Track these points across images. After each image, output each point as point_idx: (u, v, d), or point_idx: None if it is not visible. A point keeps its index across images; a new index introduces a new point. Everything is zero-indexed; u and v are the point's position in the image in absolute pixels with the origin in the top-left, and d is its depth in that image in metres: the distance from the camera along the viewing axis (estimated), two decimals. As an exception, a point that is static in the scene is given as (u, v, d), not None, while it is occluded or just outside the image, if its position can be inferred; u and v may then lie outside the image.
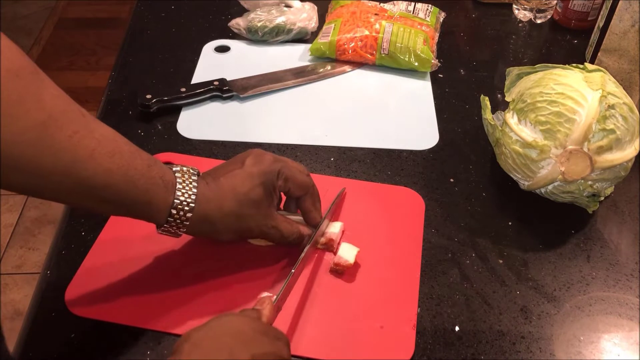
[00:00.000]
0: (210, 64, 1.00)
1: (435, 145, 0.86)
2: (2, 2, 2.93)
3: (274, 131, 0.87)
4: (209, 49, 1.04)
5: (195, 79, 0.96)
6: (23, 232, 1.97)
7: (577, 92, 0.69)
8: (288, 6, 1.06)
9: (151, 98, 0.87)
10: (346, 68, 1.00)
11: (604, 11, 0.90)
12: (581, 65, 0.75)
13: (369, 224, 0.73)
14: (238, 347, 0.48)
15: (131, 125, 0.87)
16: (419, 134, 0.88)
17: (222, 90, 0.92)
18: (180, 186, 0.58)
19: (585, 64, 0.75)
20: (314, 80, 0.97)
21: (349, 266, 0.66)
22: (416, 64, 0.97)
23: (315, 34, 1.05)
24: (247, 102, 0.92)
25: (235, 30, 1.04)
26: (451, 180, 0.80)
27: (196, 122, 0.88)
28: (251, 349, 0.49)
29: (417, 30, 0.99)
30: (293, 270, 0.61)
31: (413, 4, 1.07)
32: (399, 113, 0.92)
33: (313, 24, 1.05)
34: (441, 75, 0.99)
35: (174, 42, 1.05)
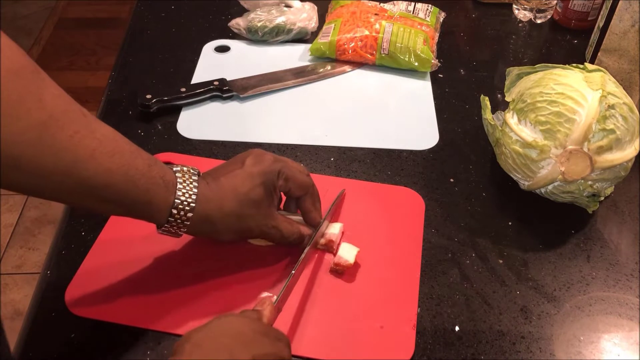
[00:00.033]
0: (210, 64, 1.00)
1: (435, 145, 0.86)
2: (2, 2, 2.93)
3: (274, 131, 0.87)
4: (209, 49, 1.04)
5: (195, 79, 0.96)
6: (23, 232, 1.97)
7: (577, 92, 0.69)
8: (288, 6, 1.06)
9: (151, 98, 0.87)
10: (346, 68, 1.00)
11: (604, 11, 0.90)
12: (581, 65, 0.75)
13: (369, 224, 0.73)
14: (239, 348, 0.48)
15: (131, 125, 0.87)
16: (419, 134, 0.88)
17: (222, 90, 0.92)
18: (180, 186, 0.58)
19: (585, 64, 0.75)
20: (314, 80, 0.97)
21: (349, 266, 0.66)
22: (416, 64, 0.97)
23: (315, 34, 1.05)
24: (247, 102, 0.92)
25: (235, 30, 1.04)
26: (451, 180, 0.80)
27: (196, 122, 0.88)
28: (252, 350, 0.49)
29: (417, 30, 0.99)
30: (293, 271, 0.61)
31: (413, 4, 1.07)
32: (399, 113, 0.92)
33: (313, 24, 1.05)
34: (441, 75, 0.99)
35: (174, 42, 1.05)
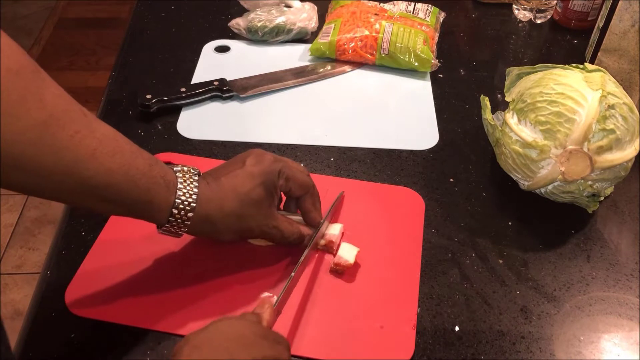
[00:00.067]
0: (210, 64, 1.00)
1: (435, 145, 0.86)
2: (2, 2, 2.93)
3: (274, 131, 0.87)
4: (209, 49, 1.04)
5: (195, 79, 0.96)
6: (23, 232, 1.97)
7: (577, 92, 0.69)
8: (288, 6, 1.06)
9: (151, 98, 0.87)
10: (346, 68, 1.00)
11: (604, 11, 0.90)
12: (581, 65, 0.75)
13: (369, 224, 0.73)
14: (238, 351, 0.48)
15: (131, 125, 0.87)
16: (419, 134, 0.88)
17: (222, 90, 0.92)
18: (181, 186, 0.58)
19: (585, 64, 0.75)
20: (314, 80, 0.97)
21: (349, 266, 0.66)
22: (416, 64, 0.97)
23: (315, 34, 1.05)
24: (247, 102, 0.92)
25: (235, 30, 1.04)
26: (451, 180, 0.80)
27: (196, 122, 0.88)
28: (251, 353, 0.49)
29: (417, 30, 0.99)
30: (293, 273, 0.60)
31: (413, 4, 1.07)
32: (399, 113, 0.92)
33: (313, 24, 1.05)
34: (441, 75, 0.99)
35: (174, 42, 1.05)
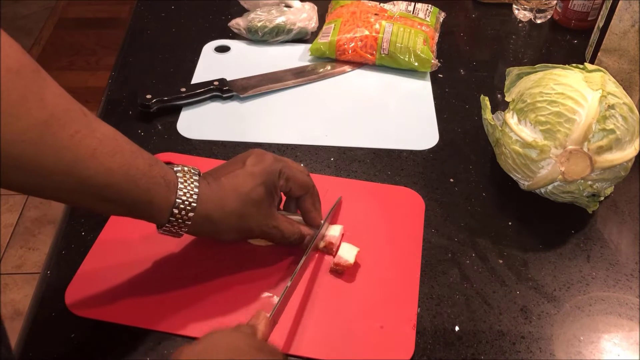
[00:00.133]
0: (210, 64, 1.00)
1: (435, 145, 0.86)
2: (2, 2, 2.93)
3: (274, 131, 0.87)
4: (209, 49, 1.04)
5: (195, 79, 0.96)
6: (23, 232, 1.97)
7: (577, 92, 0.69)
8: (288, 6, 1.06)
9: (151, 98, 0.87)
10: (346, 68, 1.00)
11: (604, 11, 0.90)
12: (581, 65, 0.75)
13: (369, 224, 0.73)
14: None
15: (131, 125, 0.87)
16: (419, 134, 0.88)
17: (222, 90, 0.92)
18: (181, 185, 0.58)
19: (585, 64, 0.75)
20: (314, 80, 0.97)
21: (349, 266, 0.66)
22: (416, 64, 0.97)
23: (315, 34, 1.05)
24: (247, 102, 0.92)
25: (235, 30, 1.04)
26: (451, 180, 0.80)
27: (196, 122, 0.88)
28: None
29: (417, 30, 0.99)
30: (289, 282, 0.60)
31: (413, 4, 1.07)
32: (399, 113, 0.92)
33: (313, 24, 1.05)
34: (441, 75, 0.99)
35: (174, 42, 1.05)
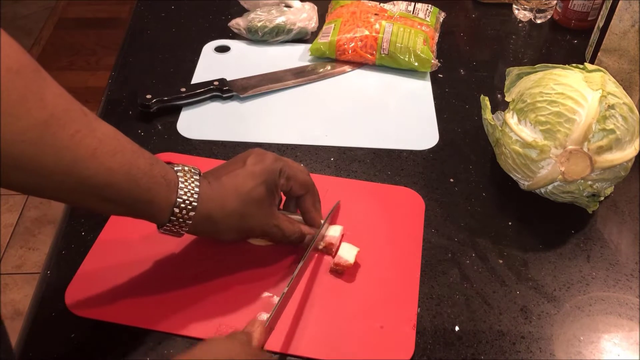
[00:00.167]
0: (210, 64, 1.00)
1: (435, 145, 0.86)
2: (2, 2, 2.93)
3: (274, 131, 0.87)
4: (209, 49, 1.04)
5: (195, 79, 0.96)
6: (23, 232, 1.97)
7: (577, 92, 0.69)
8: (288, 6, 1.06)
9: (151, 98, 0.87)
10: (346, 68, 1.00)
11: (604, 11, 0.90)
12: (581, 65, 0.75)
13: (369, 224, 0.73)
14: None
15: (131, 125, 0.87)
16: (419, 134, 0.88)
17: (222, 90, 0.92)
18: (182, 185, 0.58)
19: (585, 64, 0.75)
20: (314, 80, 0.97)
21: (349, 266, 0.66)
22: (416, 64, 0.97)
23: (315, 34, 1.05)
24: (247, 102, 0.92)
25: (235, 30, 1.04)
26: (451, 180, 0.80)
27: (196, 122, 0.88)
28: None
29: (417, 30, 0.99)
30: (286, 289, 0.59)
31: (413, 4, 1.07)
32: (399, 113, 0.92)
33: (313, 24, 1.05)
34: (441, 75, 0.99)
35: (174, 42, 1.05)
